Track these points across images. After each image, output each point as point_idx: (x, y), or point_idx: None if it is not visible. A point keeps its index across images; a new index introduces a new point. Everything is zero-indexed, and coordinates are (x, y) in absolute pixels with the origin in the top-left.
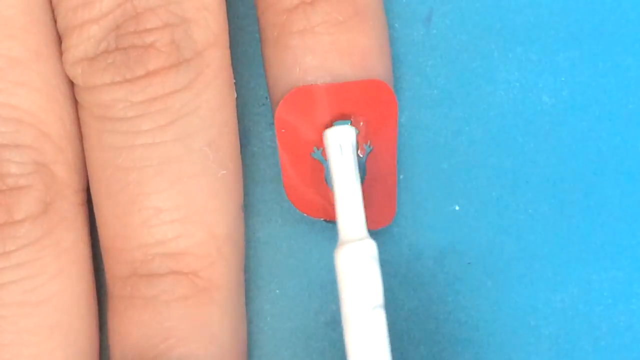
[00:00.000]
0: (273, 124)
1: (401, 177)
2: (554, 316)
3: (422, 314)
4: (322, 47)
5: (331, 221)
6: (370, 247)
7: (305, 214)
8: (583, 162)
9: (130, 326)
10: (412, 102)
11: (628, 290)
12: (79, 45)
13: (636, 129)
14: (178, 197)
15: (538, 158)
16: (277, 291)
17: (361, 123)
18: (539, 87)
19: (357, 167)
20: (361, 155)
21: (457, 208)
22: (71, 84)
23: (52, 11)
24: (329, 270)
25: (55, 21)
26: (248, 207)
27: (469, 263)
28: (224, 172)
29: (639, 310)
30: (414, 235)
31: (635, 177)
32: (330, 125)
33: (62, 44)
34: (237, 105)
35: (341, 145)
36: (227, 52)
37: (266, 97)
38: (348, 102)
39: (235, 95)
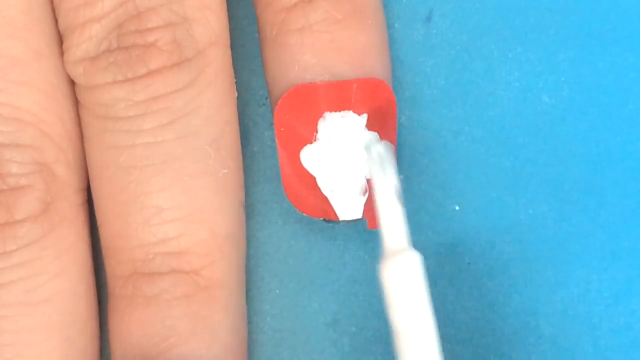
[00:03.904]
0: (273, 123)
1: (401, 177)
2: (554, 316)
3: None
4: (320, 45)
5: (330, 221)
6: (415, 259)
7: (304, 214)
8: (583, 162)
9: (131, 325)
10: (412, 102)
11: (628, 290)
12: (81, 44)
13: (636, 129)
14: (179, 196)
15: (538, 158)
16: (277, 291)
17: (366, 115)
18: (538, 87)
19: (398, 181)
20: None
21: (457, 208)
22: (72, 84)
23: (53, 11)
24: (329, 270)
25: (56, 20)
26: (248, 208)
27: (469, 263)
28: (225, 171)
29: (639, 310)
30: (414, 235)
31: (635, 177)
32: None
33: (64, 43)
34: (237, 105)
35: (383, 160)
36: (228, 51)
37: (266, 97)
38: (347, 100)
39: (236, 94)
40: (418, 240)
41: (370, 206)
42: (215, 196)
